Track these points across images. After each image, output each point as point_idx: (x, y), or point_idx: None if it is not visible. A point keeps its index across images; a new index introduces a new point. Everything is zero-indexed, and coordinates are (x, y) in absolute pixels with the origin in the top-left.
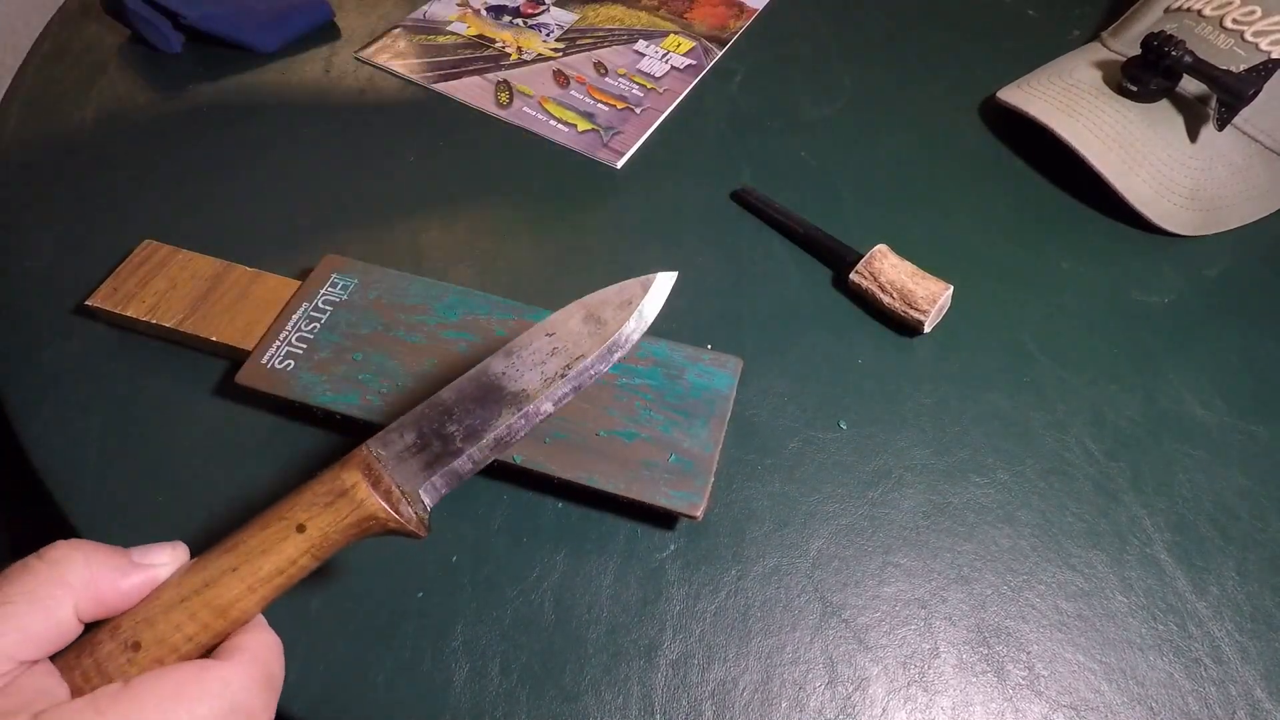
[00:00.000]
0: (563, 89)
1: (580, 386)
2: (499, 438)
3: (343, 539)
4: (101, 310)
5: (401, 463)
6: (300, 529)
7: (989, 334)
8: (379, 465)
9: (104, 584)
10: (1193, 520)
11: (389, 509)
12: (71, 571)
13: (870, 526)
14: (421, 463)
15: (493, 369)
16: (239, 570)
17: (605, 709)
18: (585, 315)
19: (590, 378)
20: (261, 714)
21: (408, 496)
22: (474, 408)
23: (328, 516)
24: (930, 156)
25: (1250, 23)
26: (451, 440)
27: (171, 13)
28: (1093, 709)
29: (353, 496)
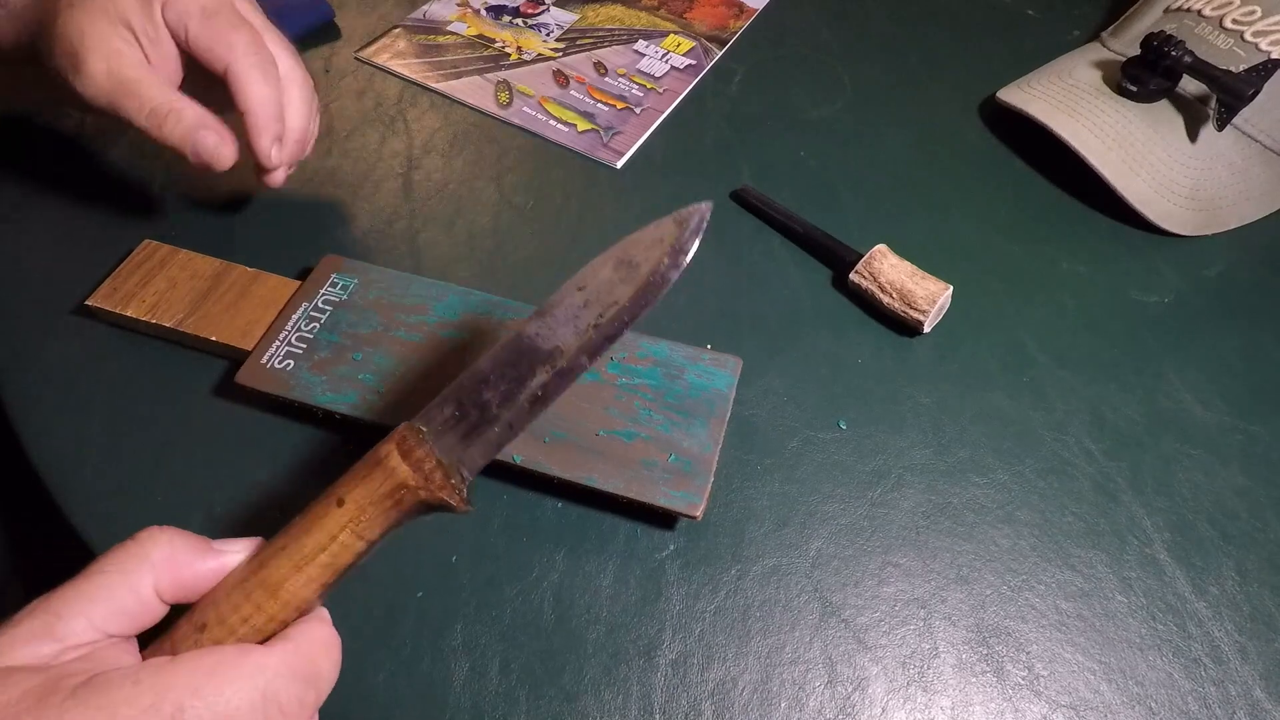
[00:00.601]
0: (563, 89)
1: (616, 335)
2: (535, 398)
3: (381, 514)
4: (101, 310)
5: (442, 436)
6: (340, 503)
7: (989, 334)
8: (420, 438)
9: (182, 564)
10: (1192, 520)
11: (420, 478)
12: (155, 550)
13: (870, 526)
14: (460, 434)
15: (527, 332)
16: (287, 549)
17: (605, 708)
18: (616, 262)
19: (626, 324)
20: (294, 707)
21: (446, 468)
22: (509, 372)
23: (363, 488)
24: (930, 156)
25: (1250, 23)
26: (489, 408)
27: None
28: (1092, 709)
29: (386, 465)
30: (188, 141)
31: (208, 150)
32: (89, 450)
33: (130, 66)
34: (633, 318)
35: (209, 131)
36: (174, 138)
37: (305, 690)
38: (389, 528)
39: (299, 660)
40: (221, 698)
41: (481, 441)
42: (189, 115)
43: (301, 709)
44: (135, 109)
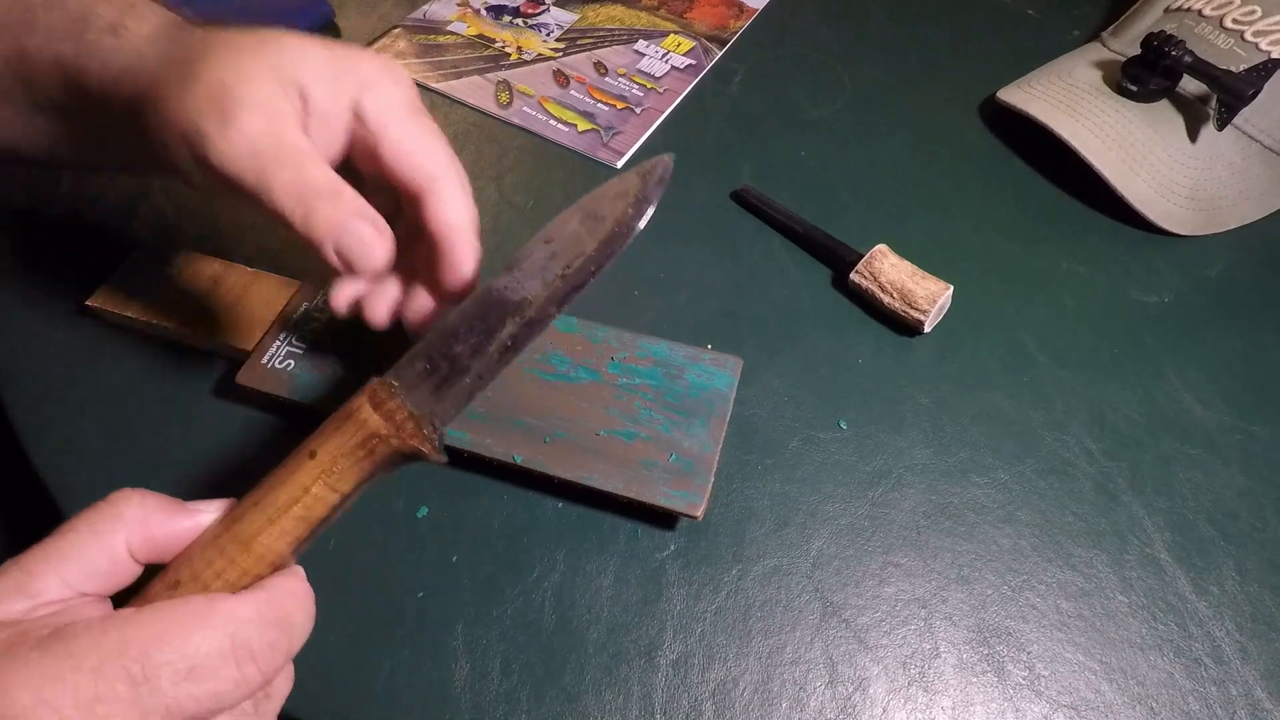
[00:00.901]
0: (563, 89)
1: (583, 284)
2: (504, 348)
3: (353, 464)
4: (102, 310)
5: (414, 389)
6: (311, 455)
7: (989, 334)
8: (391, 392)
9: (155, 523)
10: (1193, 520)
11: (392, 427)
12: (126, 509)
13: (870, 526)
14: (431, 386)
15: (495, 285)
16: (260, 503)
17: (605, 708)
18: (583, 215)
19: (593, 274)
20: (265, 653)
21: (418, 420)
22: (479, 325)
23: (335, 440)
24: (930, 156)
25: (1250, 23)
26: (459, 360)
27: None
28: (1093, 709)
29: (357, 417)
30: (335, 230)
31: (358, 241)
32: (89, 450)
33: (295, 133)
34: (599, 267)
35: (364, 221)
36: (320, 225)
37: (277, 636)
38: (361, 479)
39: (270, 607)
40: (189, 644)
41: (453, 392)
42: (348, 200)
43: (273, 654)
44: (285, 183)
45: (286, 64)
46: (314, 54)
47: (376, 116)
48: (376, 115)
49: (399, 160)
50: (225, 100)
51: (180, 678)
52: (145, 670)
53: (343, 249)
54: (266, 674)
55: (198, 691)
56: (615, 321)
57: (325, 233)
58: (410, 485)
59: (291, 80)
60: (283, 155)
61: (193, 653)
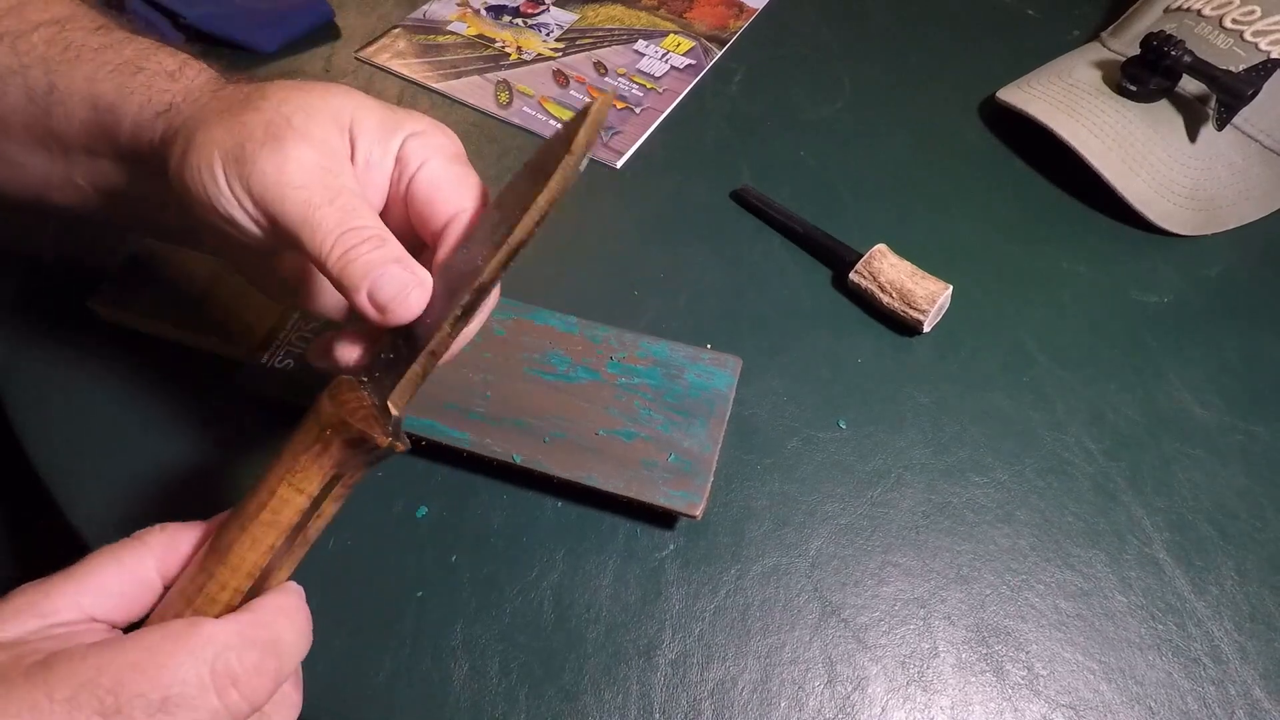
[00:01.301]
0: (563, 89)
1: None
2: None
3: (313, 461)
4: (102, 311)
5: (378, 381)
6: (278, 456)
7: (988, 334)
8: (355, 386)
9: (183, 540)
10: (1192, 520)
11: (345, 413)
12: (150, 534)
13: (869, 526)
14: (394, 375)
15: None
16: (236, 514)
17: (604, 708)
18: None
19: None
20: (250, 678)
21: (377, 407)
22: (435, 303)
23: (295, 438)
24: (930, 156)
25: (1250, 22)
26: (416, 342)
27: (171, 13)
28: (1092, 708)
29: (316, 410)
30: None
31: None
32: (89, 450)
33: (347, 174)
34: (544, 216)
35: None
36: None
37: (263, 658)
38: (325, 478)
39: (255, 629)
40: (164, 673)
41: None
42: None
43: (260, 678)
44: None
45: (344, 111)
46: (368, 105)
47: (416, 154)
48: (417, 153)
49: (431, 192)
50: (283, 128)
51: (154, 709)
52: (118, 701)
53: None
54: (253, 700)
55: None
56: (615, 321)
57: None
58: (410, 485)
59: (346, 127)
60: (332, 192)
61: (168, 682)
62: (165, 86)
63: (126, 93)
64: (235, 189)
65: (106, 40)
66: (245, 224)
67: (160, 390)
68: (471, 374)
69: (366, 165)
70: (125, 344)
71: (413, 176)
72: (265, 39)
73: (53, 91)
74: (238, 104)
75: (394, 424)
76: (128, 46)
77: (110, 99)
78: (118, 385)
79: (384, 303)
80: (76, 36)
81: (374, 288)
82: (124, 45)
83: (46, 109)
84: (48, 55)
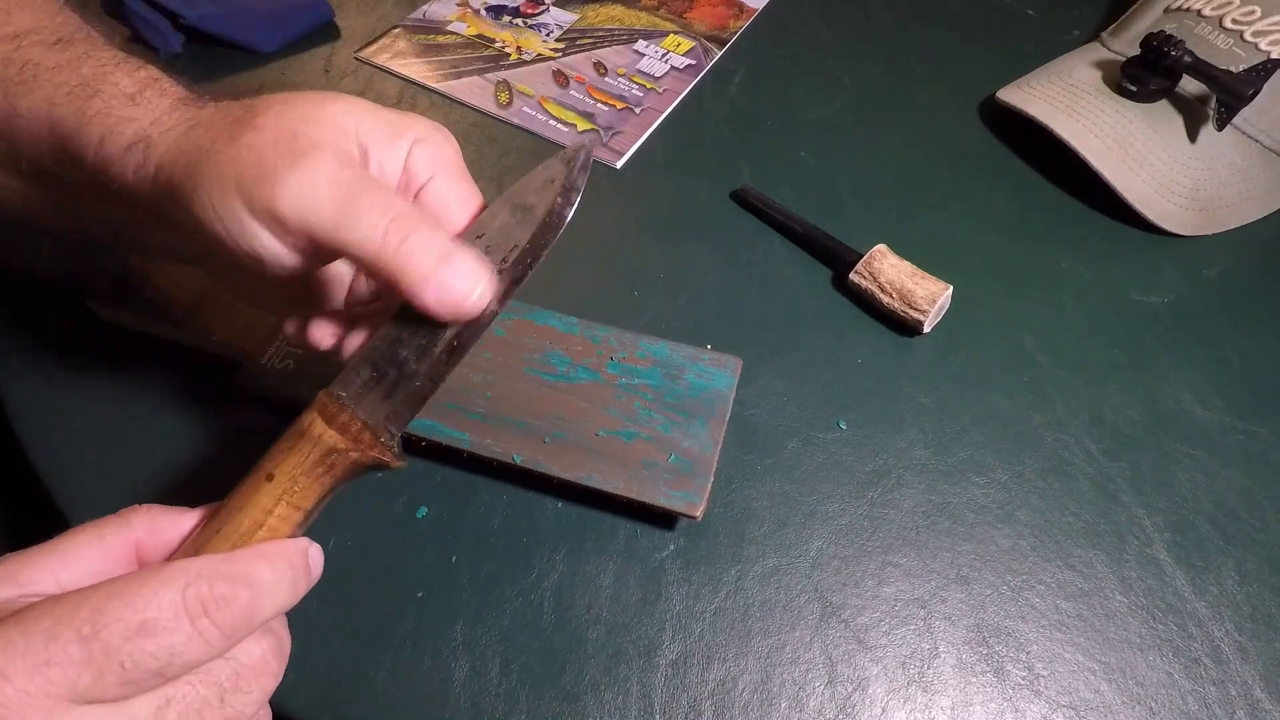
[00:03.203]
0: (563, 89)
1: (522, 279)
2: (451, 348)
3: (314, 482)
4: (101, 310)
5: (363, 398)
6: (269, 478)
7: (989, 334)
8: (340, 404)
9: (164, 525)
10: (1192, 520)
11: (349, 440)
12: (134, 516)
13: (870, 526)
14: (381, 394)
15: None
16: (222, 531)
17: (605, 708)
18: (511, 207)
19: (529, 266)
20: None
21: (374, 429)
22: (421, 328)
23: (292, 460)
24: (930, 156)
25: (1250, 23)
26: (406, 364)
27: (171, 13)
28: (1092, 709)
29: (310, 434)
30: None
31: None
32: (89, 450)
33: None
34: (535, 259)
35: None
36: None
37: (233, 590)
38: (323, 495)
39: (229, 563)
40: (139, 599)
41: (405, 396)
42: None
43: (230, 610)
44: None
45: (347, 118)
46: (370, 110)
47: (424, 166)
48: (425, 165)
49: (438, 209)
50: (292, 143)
51: (131, 632)
52: (95, 627)
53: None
54: (225, 630)
55: (151, 647)
56: (615, 321)
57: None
58: (410, 485)
59: (352, 134)
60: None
61: (143, 607)
62: (127, 115)
63: (84, 120)
64: (261, 217)
65: (63, 58)
66: (276, 253)
67: (160, 390)
68: (472, 374)
69: (380, 171)
70: (125, 344)
71: (421, 190)
72: (265, 39)
73: (14, 117)
74: (231, 127)
75: (399, 445)
76: (85, 65)
77: (69, 126)
78: (117, 385)
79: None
80: (34, 54)
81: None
82: (81, 63)
83: (11, 131)
84: (5, 76)
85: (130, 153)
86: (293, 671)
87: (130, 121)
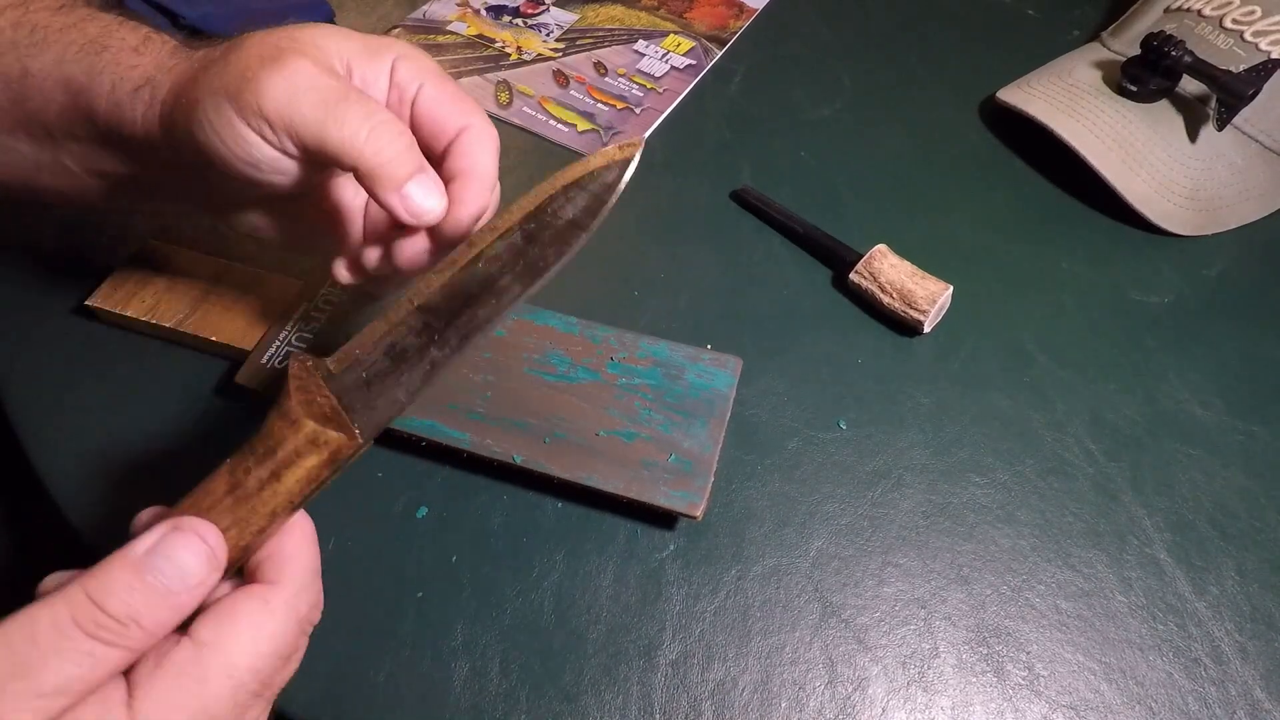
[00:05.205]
0: (563, 89)
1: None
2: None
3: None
4: (102, 310)
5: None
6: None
7: (989, 334)
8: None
9: None
10: (1192, 520)
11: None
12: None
13: (870, 526)
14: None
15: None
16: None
17: (605, 708)
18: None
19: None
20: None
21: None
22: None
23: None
24: (930, 156)
25: (1250, 23)
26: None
27: (171, 12)
28: (1092, 709)
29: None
30: (406, 180)
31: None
32: (89, 450)
33: (349, 81)
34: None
35: (428, 174)
36: (393, 167)
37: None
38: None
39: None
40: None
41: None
42: (418, 148)
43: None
44: (357, 115)
45: (328, 41)
46: (347, 34)
47: (411, 77)
48: (411, 77)
49: (435, 110)
50: (275, 52)
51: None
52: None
53: (411, 200)
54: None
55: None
56: (615, 321)
57: (408, 166)
58: (410, 485)
59: (336, 54)
60: (344, 90)
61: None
62: (133, 62)
63: (95, 73)
64: (251, 120)
65: (69, 20)
66: (270, 156)
67: (160, 390)
68: (472, 374)
69: (364, 85)
70: (125, 344)
71: (415, 97)
72: None
73: (26, 77)
74: (221, 54)
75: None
76: (91, 24)
77: (81, 81)
78: (118, 385)
79: (421, 206)
80: (40, 18)
81: (409, 194)
82: (87, 23)
83: (23, 94)
84: (15, 40)
85: (138, 95)
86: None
87: (136, 68)
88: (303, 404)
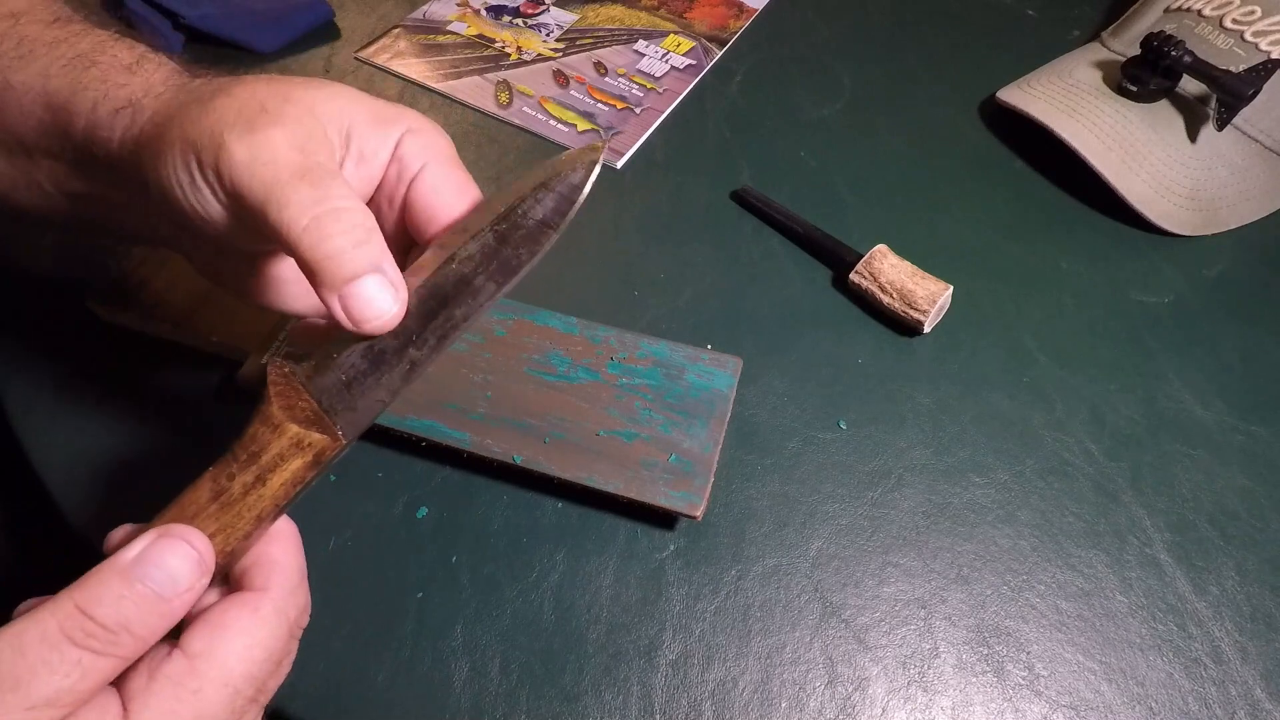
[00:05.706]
0: (563, 89)
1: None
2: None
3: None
4: (102, 311)
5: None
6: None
7: (989, 334)
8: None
9: None
10: (1193, 520)
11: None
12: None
13: (870, 526)
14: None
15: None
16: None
17: (605, 709)
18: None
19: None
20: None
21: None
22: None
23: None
24: (930, 156)
25: (1250, 23)
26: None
27: (171, 13)
28: (1092, 709)
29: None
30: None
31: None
32: (89, 450)
33: (328, 158)
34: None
35: (382, 276)
36: (333, 264)
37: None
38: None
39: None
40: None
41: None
42: (378, 244)
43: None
44: (304, 200)
45: (330, 104)
46: (359, 98)
47: (416, 155)
48: (417, 154)
49: (432, 196)
50: (258, 116)
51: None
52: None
53: (354, 303)
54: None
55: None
56: (615, 321)
57: (340, 279)
58: (410, 485)
59: (334, 119)
60: (304, 169)
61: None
62: (122, 81)
63: (79, 88)
64: (208, 177)
65: (61, 34)
66: (215, 214)
67: (160, 390)
68: (472, 374)
69: (361, 157)
70: (125, 344)
71: (414, 178)
72: (265, 39)
73: (7, 90)
74: (209, 94)
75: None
76: (84, 40)
77: (63, 96)
78: (117, 385)
79: (361, 313)
80: (31, 30)
81: (355, 295)
82: (79, 39)
83: (1, 107)
84: (1, 52)
85: (119, 116)
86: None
87: (124, 87)
88: (284, 409)
